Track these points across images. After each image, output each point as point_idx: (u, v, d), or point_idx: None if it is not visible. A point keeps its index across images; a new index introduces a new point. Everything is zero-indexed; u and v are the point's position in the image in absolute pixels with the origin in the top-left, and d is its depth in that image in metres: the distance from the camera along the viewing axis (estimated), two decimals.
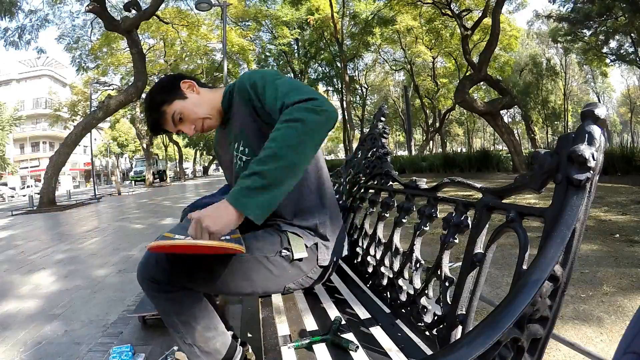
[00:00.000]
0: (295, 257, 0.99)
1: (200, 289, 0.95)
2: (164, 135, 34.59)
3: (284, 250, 0.99)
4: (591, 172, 0.52)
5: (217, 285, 0.93)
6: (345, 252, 1.15)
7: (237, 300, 2.10)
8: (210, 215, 0.75)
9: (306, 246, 1.01)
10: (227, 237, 0.90)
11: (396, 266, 1.09)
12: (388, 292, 1.09)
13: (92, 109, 13.85)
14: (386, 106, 1.68)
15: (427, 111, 26.97)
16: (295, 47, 22.57)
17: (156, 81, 1.10)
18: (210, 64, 23.32)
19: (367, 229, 1.38)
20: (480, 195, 0.77)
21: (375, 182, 1.39)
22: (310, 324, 0.97)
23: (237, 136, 1.03)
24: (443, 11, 14.80)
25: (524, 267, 0.58)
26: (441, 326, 0.82)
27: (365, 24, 19.30)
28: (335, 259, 1.09)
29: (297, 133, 0.76)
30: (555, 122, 32.85)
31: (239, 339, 1.15)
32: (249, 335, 1.58)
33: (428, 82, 25.28)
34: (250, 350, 1.20)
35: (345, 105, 20.26)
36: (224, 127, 1.13)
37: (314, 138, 0.78)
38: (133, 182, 29.97)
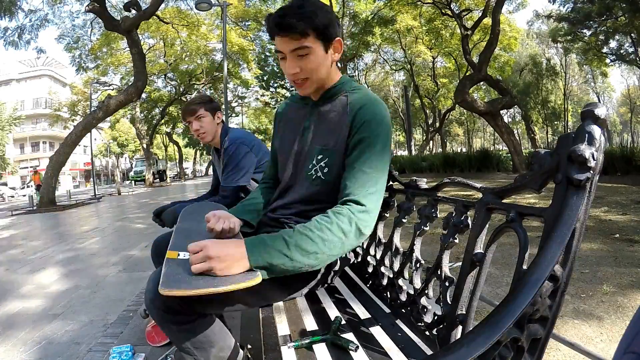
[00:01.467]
0: None
1: (217, 312, 0.90)
2: (164, 135, 34.37)
3: None
4: (591, 172, 0.52)
5: (235, 305, 0.89)
6: (350, 259, 1.13)
7: None
8: (221, 257, 0.70)
9: None
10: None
11: (396, 266, 1.09)
12: (388, 292, 1.09)
13: (92, 109, 13.85)
14: (386, 106, 1.68)
15: (427, 111, 26.96)
16: None
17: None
18: (210, 64, 23.31)
19: None
20: (480, 195, 0.77)
21: None
22: (310, 324, 0.97)
23: (323, 147, 0.97)
24: (443, 11, 14.79)
25: (524, 267, 0.58)
26: (441, 326, 0.82)
27: (365, 24, 19.28)
28: (341, 264, 1.07)
29: (340, 246, 0.79)
30: (555, 122, 32.85)
31: (238, 342, 1.15)
32: (249, 335, 1.58)
33: (428, 82, 25.26)
34: (250, 350, 1.20)
35: None
36: (310, 100, 1.04)
37: (343, 251, 0.81)
38: (133, 182, 30.02)
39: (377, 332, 0.91)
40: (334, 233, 0.77)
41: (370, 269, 1.24)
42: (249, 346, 1.21)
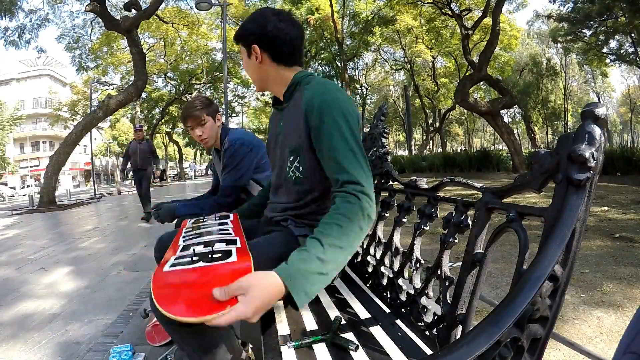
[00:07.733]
0: None
1: None
2: (164, 134, 34.39)
3: None
4: (591, 172, 0.52)
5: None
6: None
7: None
8: (258, 300, 0.60)
9: None
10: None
11: (396, 266, 1.09)
12: (388, 292, 1.09)
13: (92, 109, 13.83)
14: (386, 106, 1.68)
15: (427, 111, 26.95)
16: None
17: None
18: (211, 63, 23.32)
19: None
20: (480, 195, 0.77)
21: (376, 182, 1.39)
22: (310, 323, 0.97)
23: (291, 147, 1.01)
24: (443, 11, 14.81)
25: (524, 267, 0.58)
26: (441, 326, 0.82)
27: (365, 24, 19.29)
28: None
29: (355, 234, 0.75)
30: (555, 122, 32.83)
31: (239, 339, 1.15)
32: (249, 335, 1.58)
33: (428, 82, 25.26)
34: (250, 350, 1.20)
35: None
36: (281, 103, 1.09)
37: (359, 238, 0.77)
38: (133, 181, 30.03)
39: (377, 331, 0.91)
40: (350, 224, 0.74)
41: (370, 269, 1.24)
42: (250, 346, 1.21)
